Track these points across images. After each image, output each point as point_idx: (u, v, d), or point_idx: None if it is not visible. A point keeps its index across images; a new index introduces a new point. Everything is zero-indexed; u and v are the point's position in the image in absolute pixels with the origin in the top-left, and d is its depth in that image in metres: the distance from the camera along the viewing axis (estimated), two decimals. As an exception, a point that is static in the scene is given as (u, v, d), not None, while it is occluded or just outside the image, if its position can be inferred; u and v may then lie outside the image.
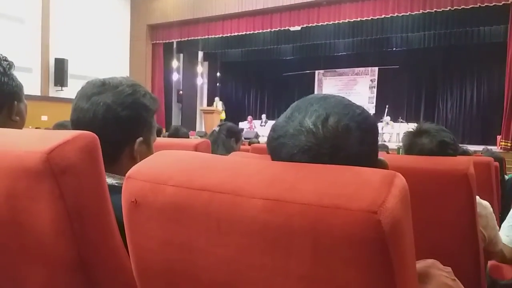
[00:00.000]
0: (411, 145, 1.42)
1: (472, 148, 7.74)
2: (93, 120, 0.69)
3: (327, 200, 0.40)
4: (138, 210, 0.53)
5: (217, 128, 2.96)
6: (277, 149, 0.59)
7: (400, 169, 0.51)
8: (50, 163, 0.63)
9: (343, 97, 0.61)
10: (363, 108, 0.61)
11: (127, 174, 0.56)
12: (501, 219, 1.66)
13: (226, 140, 2.91)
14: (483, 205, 1.34)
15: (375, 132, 0.61)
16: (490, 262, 1.51)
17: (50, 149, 0.64)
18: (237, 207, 0.44)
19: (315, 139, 0.55)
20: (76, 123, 0.89)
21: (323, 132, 0.55)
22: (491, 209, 1.38)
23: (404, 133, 1.49)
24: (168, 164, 0.56)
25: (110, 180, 0.83)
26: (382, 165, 0.62)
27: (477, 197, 1.31)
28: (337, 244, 0.39)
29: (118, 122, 0.89)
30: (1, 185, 0.68)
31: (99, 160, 0.70)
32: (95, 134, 0.70)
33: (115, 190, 0.68)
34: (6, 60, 1.17)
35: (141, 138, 0.94)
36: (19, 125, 1.19)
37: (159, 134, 4.13)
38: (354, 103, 0.60)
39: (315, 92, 14.13)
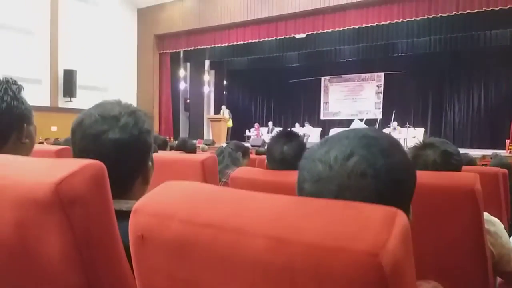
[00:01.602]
0: (416, 157, 1.45)
1: (480, 152, 7.69)
2: (105, 160, 0.69)
3: (329, 241, 0.41)
4: (145, 244, 0.54)
5: (224, 144, 3.02)
6: (299, 169, 0.62)
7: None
8: (59, 194, 0.64)
9: (388, 139, 0.59)
10: (402, 158, 0.58)
11: (134, 208, 0.57)
12: (510, 226, 1.64)
13: (232, 152, 2.93)
14: (492, 221, 1.33)
15: (398, 185, 0.57)
16: (499, 279, 1.49)
17: (59, 180, 0.65)
18: (240, 246, 0.45)
19: (329, 172, 0.56)
20: None
21: (338, 169, 0.56)
22: (502, 226, 1.36)
23: (409, 148, 1.50)
24: (174, 197, 0.56)
25: (118, 206, 0.83)
26: None
27: (487, 213, 1.30)
28: (339, 286, 0.39)
29: (131, 156, 0.91)
30: (11, 215, 0.70)
31: (107, 189, 0.71)
32: (102, 163, 0.71)
33: (123, 216, 0.69)
34: (15, 83, 1.19)
35: (150, 163, 0.97)
36: (28, 147, 1.21)
37: (164, 146, 4.12)
38: (394, 149, 0.58)
39: (321, 98, 14.17)
